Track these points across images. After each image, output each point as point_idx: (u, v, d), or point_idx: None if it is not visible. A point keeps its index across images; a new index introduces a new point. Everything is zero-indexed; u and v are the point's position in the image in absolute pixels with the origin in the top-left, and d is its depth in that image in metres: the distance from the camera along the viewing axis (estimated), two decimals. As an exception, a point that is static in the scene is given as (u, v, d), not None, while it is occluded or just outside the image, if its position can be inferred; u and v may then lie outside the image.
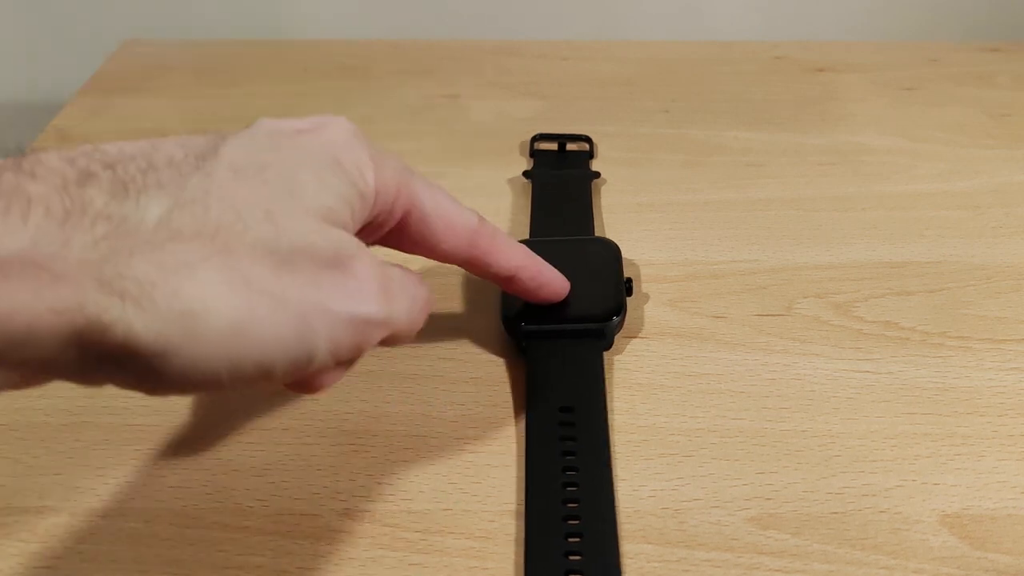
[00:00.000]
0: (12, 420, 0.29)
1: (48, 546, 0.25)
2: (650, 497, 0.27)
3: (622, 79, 0.51)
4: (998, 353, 0.32)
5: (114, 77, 0.52)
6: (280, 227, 0.20)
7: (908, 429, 0.29)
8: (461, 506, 0.27)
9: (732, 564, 0.25)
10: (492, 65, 0.53)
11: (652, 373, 0.31)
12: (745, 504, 0.27)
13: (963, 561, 0.25)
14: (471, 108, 0.48)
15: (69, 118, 0.47)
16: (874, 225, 0.39)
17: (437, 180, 0.42)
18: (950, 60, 0.53)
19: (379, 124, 0.47)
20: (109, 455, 0.28)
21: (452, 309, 0.34)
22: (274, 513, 0.26)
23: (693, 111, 0.48)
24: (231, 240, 0.19)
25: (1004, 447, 0.28)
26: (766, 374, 0.31)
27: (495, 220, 0.39)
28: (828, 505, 0.27)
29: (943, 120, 0.47)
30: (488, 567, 0.25)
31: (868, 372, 0.31)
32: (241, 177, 0.20)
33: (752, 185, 0.41)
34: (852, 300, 0.34)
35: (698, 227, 0.39)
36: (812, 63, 0.53)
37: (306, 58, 0.54)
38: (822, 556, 0.25)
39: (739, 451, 0.28)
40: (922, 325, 0.33)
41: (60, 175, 0.18)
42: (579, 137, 0.44)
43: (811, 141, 0.45)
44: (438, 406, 0.30)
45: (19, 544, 0.26)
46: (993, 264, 0.36)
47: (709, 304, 0.34)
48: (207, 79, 0.51)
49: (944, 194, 0.41)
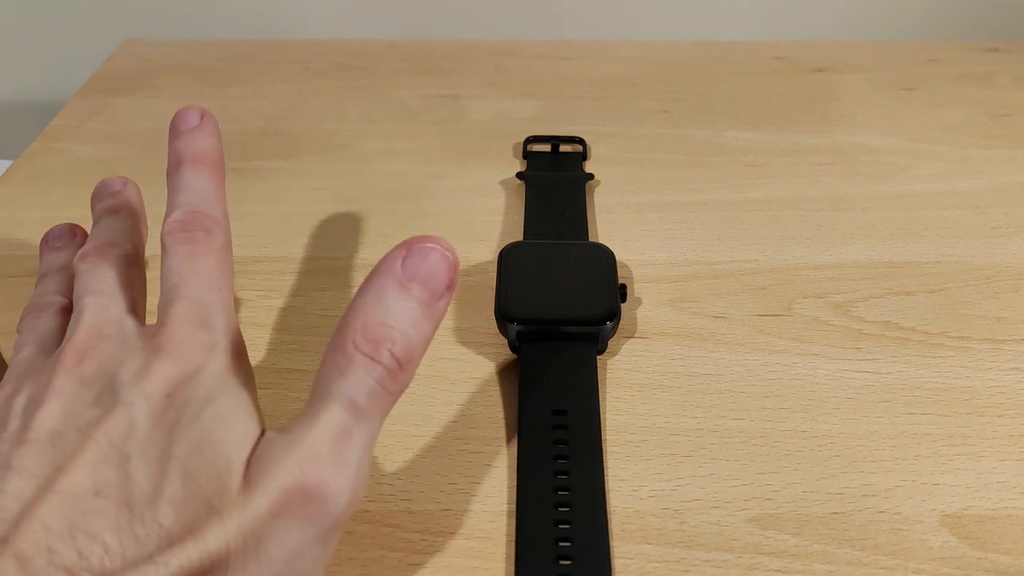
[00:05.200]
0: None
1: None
2: (650, 497, 0.27)
3: (622, 79, 0.51)
4: (998, 353, 0.32)
5: (114, 77, 0.52)
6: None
7: (908, 429, 0.29)
8: (461, 506, 0.27)
9: (732, 564, 0.25)
10: (492, 65, 0.53)
11: (652, 373, 0.31)
12: (745, 504, 0.27)
13: (963, 561, 0.25)
14: (471, 108, 0.48)
15: (69, 118, 0.47)
16: (874, 225, 0.39)
17: (436, 180, 0.42)
18: (950, 60, 0.53)
19: (379, 124, 0.47)
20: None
21: (451, 309, 0.34)
22: (274, 513, 0.26)
23: (693, 111, 0.48)
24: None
25: (1004, 447, 0.28)
26: (766, 374, 0.31)
27: (490, 221, 0.39)
28: (828, 505, 0.27)
29: (943, 120, 0.47)
30: (488, 567, 0.25)
31: (868, 372, 0.31)
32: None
33: (752, 185, 0.41)
34: (852, 300, 0.34)
35: (698, 227, 0.39)
36: (812, 63, 0.53)
37: (306, 58, 0.54)
38: (822, 556, 0.25)
39: (739, 451, 0.28)
40: (922, 325, 0.33)
41: None
42: (572, 139, 0.44)
43: (811, 141, 0.45)
44: (438, 406, 0.30)
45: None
46: (993, 264, 0.36)
47: (709, 304, 0.34)
48: (207, 79, 0.51)
49: (944, 194, 0.41)
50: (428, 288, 0.21)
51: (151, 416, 0.20)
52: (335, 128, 0.46)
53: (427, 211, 0.40)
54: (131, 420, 0.20)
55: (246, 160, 0.43)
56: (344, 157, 0.44)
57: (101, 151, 0.45)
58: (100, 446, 0.19)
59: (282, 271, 0.36)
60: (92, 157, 0.44)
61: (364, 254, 0.37)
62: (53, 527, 0.18)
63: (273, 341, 0.33)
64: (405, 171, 0.43)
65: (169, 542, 0.18)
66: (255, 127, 0.47)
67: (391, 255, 0.22)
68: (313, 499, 0.19)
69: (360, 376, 0.20)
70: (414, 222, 0.39)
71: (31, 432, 0.20)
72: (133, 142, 0.45)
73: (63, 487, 0.18)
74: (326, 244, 0.37)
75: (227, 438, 0.20)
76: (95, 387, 0.21)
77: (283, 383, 0.31)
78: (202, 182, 0.25)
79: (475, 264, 0.36)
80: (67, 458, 0.19)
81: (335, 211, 0.40)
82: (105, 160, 0.44)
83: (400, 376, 0.21)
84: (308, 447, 0.20)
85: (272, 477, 0.19)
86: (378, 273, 0.21)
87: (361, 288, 0.21)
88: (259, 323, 0.33)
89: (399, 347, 0.21)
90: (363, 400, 0.20)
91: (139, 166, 0.43)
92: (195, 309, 0.22)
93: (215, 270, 0.23)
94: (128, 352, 0.22)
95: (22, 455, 0.19)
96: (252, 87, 0.50)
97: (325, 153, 0.44)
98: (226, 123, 0.47)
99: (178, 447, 0.20)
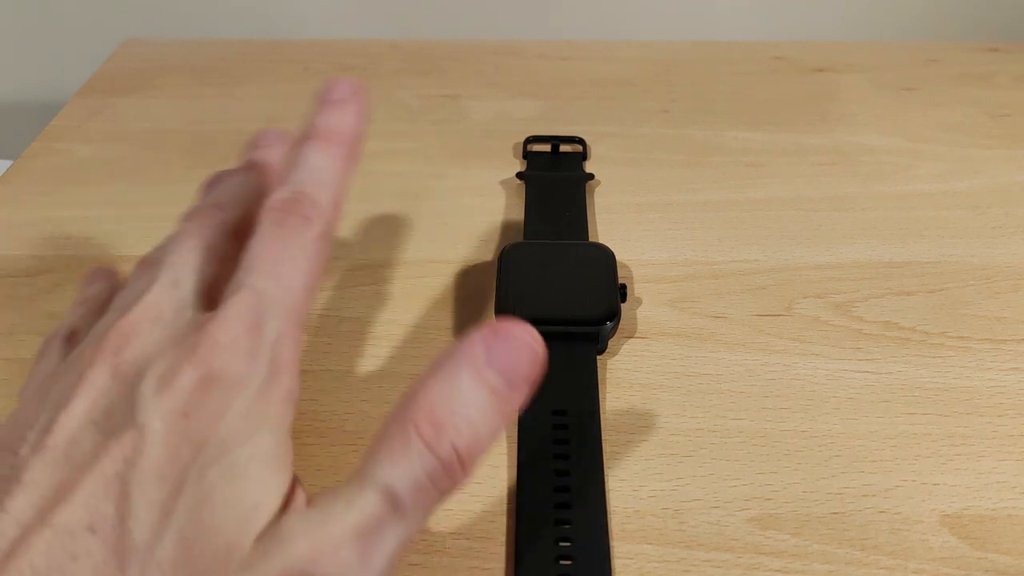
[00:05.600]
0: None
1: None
2: (650, 497, 0.27)
3: (622, 79, 0.51)
4: (998, 353, 0.32)
5: (114, 77, 0.52)
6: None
7: (908, 429, 0.29)
8: (461, 506, 0.27)
9: (732, 564, 0.25)
10: (492, 65, 0.53)
11: (652, 373, 0.31)
12: (745, 504, 0.27)
13: (963, 561, 0.25)
14: (471, 108, 0.48)
15: (68, 118, 0.47)
16: (874, 225, 0.39)
17: (436, 180, 0.42)
18: (950, 60, 0.53)
19: (379, 124, 0.47)
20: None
21: (452, 309, 0.34)
22: (274, 513, 0.26)
23: (693, 111, 0.48)
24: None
25: (1004, 447, 0.28)
26: (766, 374, 0.31)
27: (491, 221, 0.39)
28: (828, 505, 0.27)
29: (943, 120, 0.47)
30: (488, 567, 0.25)
31: (868, 372, 0.31)
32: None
33: (752, 185, 0.41)
34: (852, 300, 0.34)
35: (698, 227, 0.39)
36: (812, 63, 0.53)
37: (306, 58, 0.54)
38: (822, 556, 0.25)
39: (739, 451, 0.28)
40: (922, 325, 0.33)
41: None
42: (572, 139, 0.44)
43: (811, 141, 0.45)
44: (438, 406, 0.30)
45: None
46: (993, 264, 0.36)
47: (709, 304, 0.34)
48: (207, 79, 0.51)
49: (944, 194, 0.41)
50: (508, 379, 0.19)
51: (163, 446, 0.18)
52: (335, 128, 0.46)
53: (427, 211, 0.40)
54: (141, 447, 0.18)
55: (246, 160, 0.43)
56: (344, 157, 0.44)
57: (101, 151, 0.45)
58: (105, 473, 0.18)
59: (282, 271, 0.36)
60: (92, 157, 0.44)
61: (364, 254, 0.37)
62: (39, 568, 0.17)
63: (273, 341, 0.33)
64: (405, 171, 0.43)
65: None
66: (255, 127, 0.46)
67: (474, 337, 0.20)
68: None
69: (411, 465, 0.18)
70: (414, 222, 0.39)
71: (50, 438, 0.19)
72: (133, 142, 0.45)
73: (58, 520, 0.18)
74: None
75: (234, 509, 0.18)
76: (124, 385, 0.19)
77: (283, 383, 0.31)
78: (322, 161, 0.23)
79: (475, 264, 0.36)
80: (74, 478, 0.18)
81: (335, 211, 0.39)
82: (105, 160, 0.44)
83: (457, 474, 0.19)
84: (329, 537, 0.18)
85: (279, 561, 0.17)
86: (456, 354, 0.20)
87: (433, 366, 0.20)
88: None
89: (464, 440, 0.19)
90: (406, 493, 0.18)
91: (139, 166, 0.43)
92: (253, 307, 0.20)
93: (298, 265, 0.21)
94: (169, 344, 0.20)
95: (34, 467, 0.18)
96: (252, 87, 0.50)
97: (325, 153, 0.44)
98: (226, 123, 0.47)
99: (180, 503, 0.18)
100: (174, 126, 0.46)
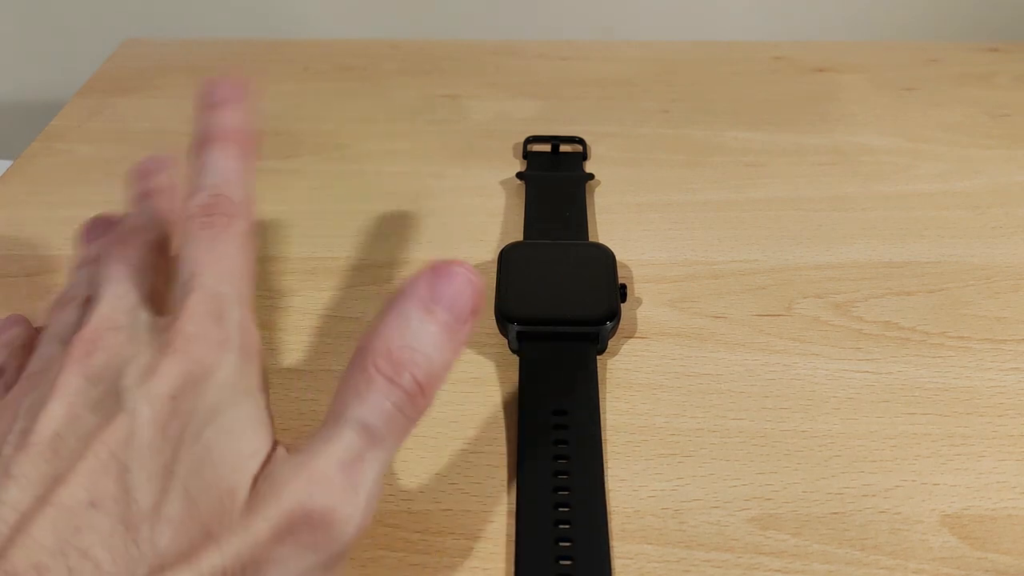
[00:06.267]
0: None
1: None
2: (650, 497, 0.27)
3: (622, 79, 0.51)
4: (998, 353, 0.32)
5: (114, 77, 0.52)
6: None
7: (908, 429, 0.29)
8: (461, 506, 0.27)
9: (732, 564, 0.25)
10: (492, 65, 0.53)
11: (652, 373, 0.31)
12: (745, 504, 0.27)
13: (963, 561, 0.25)
14: (471, 108, 0.48)
15: (68, 118, 0.47)
16: (874, 225, 0.39)
17: (436, 180, 0.42)
18: (950, 60, 0.53)
19: (379, 124, 0.47)
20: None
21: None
22: (274, 513, 0.26)
23: (693, 111, 0.48)
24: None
25: (1004, 447, 0.28)
26: (766, 374, 0.31)
27: (491, 221, 0.39)
28: (828, 505, 0.27)
29: (943, 120, 0.47)
30: (488, 567, 0.25)
31: (868, 372, 0.31)
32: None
33: (752, 185, 0.41)
34: (852, 300, 0.34)
35: (698, 227, 0.39)
36: (812, 63, 0.53)
37: (306, 58, 0.54)
38: (822, 556, 0.25)
39: (739, 451, 0.28)
40: (922, 325, 0.33)
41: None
42: (572, 139, 0.44)
43: (811, 141, 0.45)
44: (438, 406, 0.30)
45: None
46: (993, 264, 0.36)
47: (709, 304, 0.34)
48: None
49: (944, 194, 0.41)
50: (453, 312, 0.21)
51: (154, 425, 0.19)
52: (335, 128, 0.46)
53: (427, 211, 0.40)
54: (133, 428, 0.19)
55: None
56: (344, 157, 0.44)
57: (101, 151, 0.45)
58: (99, 455, 0.19)
59: (281, 271, 0.36)
60: (92, 157, 0.44)
61: (364, 254, 0.37)
62: (46, 543, 0.18)
63: (273, 341, 0.33)
64: (405, 171, 0.43)
65: (162, 566, 0.18)
66: (255, 127, 0.46)
67: (416, 277, 0.21)
68: (318, 525, 0.19)
69: (378, 399, 0.20)
70: (414, 222, 0.39)
71: (33, 435, 0.19)
72: (133, 142, 0.45)
73: (59, 499, 0.18)
74: (326, 244, 0.37)
75: (231, 458, 0.19)
76: (101, 385, 0.20)
77: (283, 384, 0.31)
78: (224, 161, 0.24)
79: (475, 264, 0.36)
80: (66, 467, 0.19)
81: (335, 211, 0.40)
82: (105, 160, 0.44)
83: (419, 401, 0.20)
84: (317, 471, 0.19)
85: (276, 500, 0.19)
86: (402, 295, 0.21)
87: (383, 309, 0.21)
88: (259, 323, 0.33)
89: (421, 371, 0.20)
90: (379, 424, 0.20)
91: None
92: (210, 301, 0.21)
93: (235, 259, 0.23)
94: (138, 346, 0.21)
95: (21, 462, 0.19)
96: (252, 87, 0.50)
97: (325, 153, 0.44)
98: (226, 123, 0.47)
99: (180, 465, 0.19)
100: (174, 126, 0.46)
